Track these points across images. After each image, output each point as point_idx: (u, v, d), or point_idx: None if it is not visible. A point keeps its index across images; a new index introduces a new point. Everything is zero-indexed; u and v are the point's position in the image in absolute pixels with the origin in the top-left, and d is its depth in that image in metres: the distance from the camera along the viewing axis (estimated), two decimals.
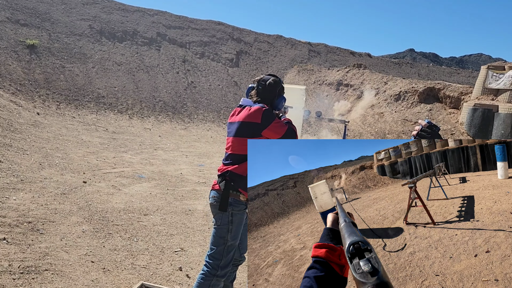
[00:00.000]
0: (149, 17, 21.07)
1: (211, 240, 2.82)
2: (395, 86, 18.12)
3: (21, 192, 5.32)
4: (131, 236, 4.59)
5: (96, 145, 9.65)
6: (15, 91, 12.59)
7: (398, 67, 27.94)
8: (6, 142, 7.46)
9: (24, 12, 16.43)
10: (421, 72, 27.77)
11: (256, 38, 24.08)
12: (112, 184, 6.62)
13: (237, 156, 2.78)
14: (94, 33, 18.04)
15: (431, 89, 17.12)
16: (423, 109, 16.63)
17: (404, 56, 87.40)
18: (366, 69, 20.63)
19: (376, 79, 19.28)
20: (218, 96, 18.94)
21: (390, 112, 17.15)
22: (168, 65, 19.07)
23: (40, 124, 10.46)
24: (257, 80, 2.95)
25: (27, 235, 4.10)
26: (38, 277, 3.35)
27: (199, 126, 15.96)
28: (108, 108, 14.69)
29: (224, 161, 2.84)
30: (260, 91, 2.90)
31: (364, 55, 28.37)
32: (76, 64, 15.86)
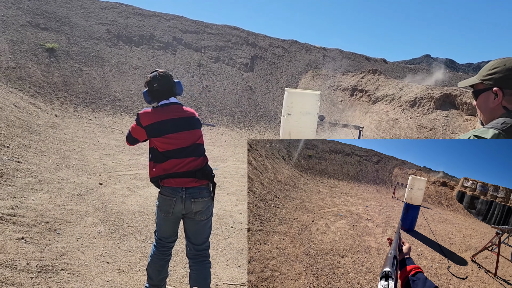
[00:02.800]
0: (165, 22, 21.32)
1: (206, 233, 3.08)
2: (411, 92, 17.95)
3: (39, 192, 5.42)
4: (145, 238, 4.64)
5: (112, 147, 9.79)
6: (35, 93, 12.85)
7: (413, 73, 27.69)
8: (25, 143, 7.62)
9: (44, 16, 16.79)
10: (437, 78, 27.46)
11: (271, 43, 24.15)
12: (127, 186, 6.71)
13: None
14: (111, 37, 18.32)
15: (448, 95, 16.91)
16: (439, 115, 16.43)
17: (420, 62, 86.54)
18: (381, 74, 20.49)
19: (391, 85, 19.14)
20: (232, 100, 19.03)
21: (405, 118, 16.99)
22: (184, 69, 19.25)
23: (58, 126, 10.66)
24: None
25: (44, 234, 4.18)
26: (55, 277, 3.41)
27: (213, 130, 16.04)
28: (124, 111, 14.88)
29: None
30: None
31: (379, 61, 28.20)
32: (94, 68, 16.12)
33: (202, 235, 3.02)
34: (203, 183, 2.96)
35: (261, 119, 18.81)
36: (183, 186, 2.88)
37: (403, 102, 17.81)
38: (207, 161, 3.08)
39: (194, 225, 2.98)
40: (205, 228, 3.03)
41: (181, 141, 2.91)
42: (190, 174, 2.90)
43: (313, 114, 11.13)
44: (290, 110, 11.14)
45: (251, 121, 18.35)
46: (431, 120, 16.34)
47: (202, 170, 2.96)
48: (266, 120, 18.87)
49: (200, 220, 2.96)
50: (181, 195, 2.87)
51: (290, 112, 11.13)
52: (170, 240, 3.08)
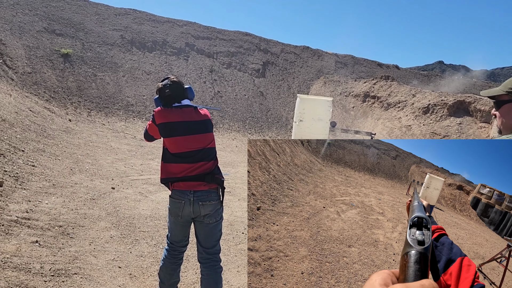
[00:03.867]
0: (178, 28, 21.51)
1: (216, 237, 3.07)
2: (424, 99, 17.79)
3: (53, 196, 5.48)
4: (157, 243, 4.66)
5: (124, 152, 9.87)
6: (49, 98, 13.04)
7: (427, 80, 27.47)
8: (40, 147, 7.73)
9: (60, 22, 17.07)
10: (451, 85, 27.19)
11: (283, 49, 24.19)
12: (139, 191, 6.75)
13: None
14: (125, 42, 18.53)
15: (461, 102, 16.72)
16: (452, 122, 16.24)
17: (433, 68, 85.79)
18: (394, 81, 20.36)
19: (404, 91, 19.00)
20: (244, 106, 19.08)
21: (418, 125, 16.83)
22: (196, 74, 19.37)
23: (72, 130, 10.79)
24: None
25: (58, 238, 4.22)
26: (68, 280, 3.44)
27: (224, 135, 16.09)
28: (136, 116, 15.01)
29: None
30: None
31: (392, 67, 28.04)
32: (107, 73, 16.32)
33: (211, 238, 3.04)
34: (212, 187, 2.98)
35: (272, 125, 18.81)
36: (191, 189, 2.91)
37: (416, 108, 17.65)
38: (217, 163, 3.10)
39: (203, 228, 3.01)
40: (214, 231, 3.04)
41: (191, 144, 2.94)
42: (199, 177, 2.93)
43: (325, 120, 11.10)
44: (302, 116, 11.12)
45: (262, 126, 18.36)
46: (445, 127, 16.16)
47: (211, 174, 2.98)
48: (277, 126, 18.87)
49: (209, 223, 2.98)
50: (189, 198, 2.90)
51: (302, 118, 11.11)
52: (181, 244, 3.10)
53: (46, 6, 17.43)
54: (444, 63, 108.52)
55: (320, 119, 10.99)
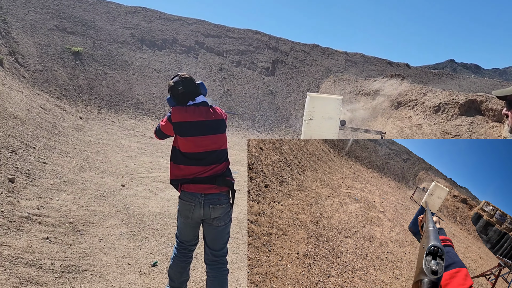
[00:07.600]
0: (188, 26, 21.54)
1: (224, 240, 3.04)
2: (435, 98, 17.60)
3: (64, 193, 5.52)
4: (166, 240, 4.66)
5: (134, 150, 9.92)
6: (60, 95, 13.15)
7: (437, 78, 27.19)
8: (51, 144, 7.79)
9: (71, 20, 17.20)
10: (462, 83, 26.88)
11: (292, 47, 24.10)
12: (148, 188, 6.77)
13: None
14: (135, 41, 18.62)
15: (473, 101, 16.51)
16: (463, 121, 16.05)
17: (444, 67, 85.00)
18: (404, 79, 20.18)
19: (415, 90, 18.82)
20: (253, 104, 19.06)
21: (429, 124, 16.67)
22: (205, 72, 19.40)
23: (82, 128, 10.87)
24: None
25: (68, 235, 4.25)
26: (78, 277, 3.46)
27: (234, 133, 16.09)
28: (146, 114, 15.08)
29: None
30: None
31: (402, 65, 27.79)
32: (118, 71, 16.41)
33: (220, 241, 3.01)
34: (222, 190, 2.93)
35: (282, 123, 18.77)
36: (202, 192, 2.86)
37: (427, 107, 17.48)
38: (228, 164, 3.06)
39: (212, 230, 2.97)
40: (223, 234, 3.01)
41: (205, 145, 2.88)
42: (210, 180, 2.88)
43: (335, 119, 11.01)
44: (312, 114, 11.06)
45: (271, 125, 18.33)
46: (456, 126, 15.98)
47: (222, 176, 2.93)
48: (286, 124, 18.82)
49: (218, 226, 2.95)
50: (200, 201, 2.86)
51: (312, 116, 11.05)
52: (191, 243, 3.09)
53: (57, 5, 17.57)
54: (455, 62, 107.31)
55: (330, 117, 10.91)
